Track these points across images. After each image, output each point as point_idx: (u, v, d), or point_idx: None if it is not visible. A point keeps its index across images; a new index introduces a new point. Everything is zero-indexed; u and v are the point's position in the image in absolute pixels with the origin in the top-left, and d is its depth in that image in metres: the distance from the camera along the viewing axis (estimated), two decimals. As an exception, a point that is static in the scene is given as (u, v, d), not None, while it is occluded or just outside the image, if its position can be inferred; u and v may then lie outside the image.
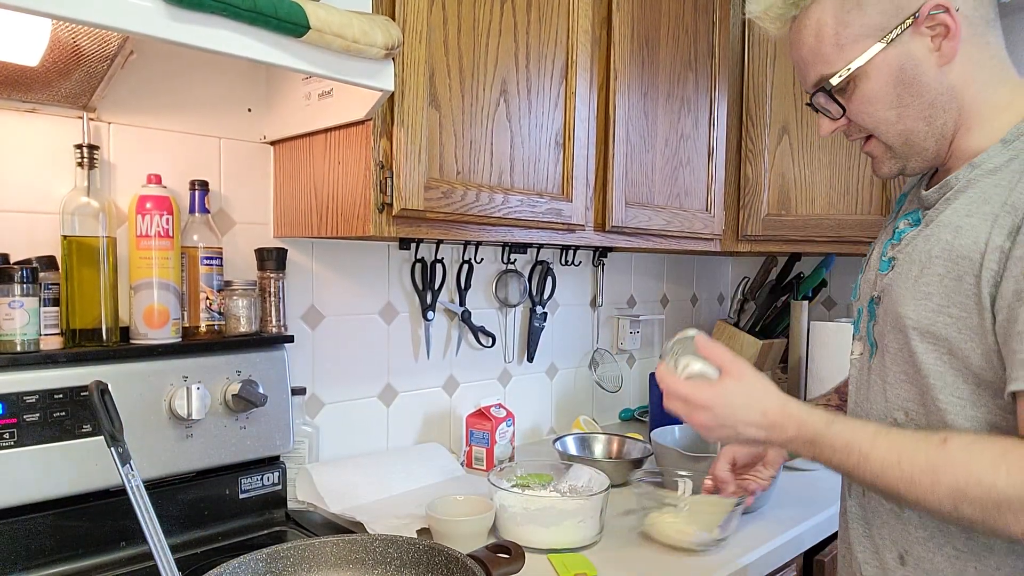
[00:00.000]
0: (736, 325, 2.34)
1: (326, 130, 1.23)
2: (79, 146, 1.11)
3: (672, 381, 0.90)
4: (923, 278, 0.84)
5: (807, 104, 0.95)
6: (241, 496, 1.26)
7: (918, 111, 0.86)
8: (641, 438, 1.71)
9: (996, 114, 0.85)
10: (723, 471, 1.19)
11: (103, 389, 0.90)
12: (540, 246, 1.87)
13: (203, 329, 1.23)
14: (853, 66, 0.85)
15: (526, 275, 1.87)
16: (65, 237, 1.09)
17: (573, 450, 1.66)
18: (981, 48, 0.84)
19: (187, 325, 1.22)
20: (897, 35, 0.83)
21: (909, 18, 0.82)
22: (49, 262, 1.10)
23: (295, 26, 0.91)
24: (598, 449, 1.70)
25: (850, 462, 0.81)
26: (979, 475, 0.73)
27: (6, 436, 0.99)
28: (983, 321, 0.78)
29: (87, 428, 1.06)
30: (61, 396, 1.03)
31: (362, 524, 1.24)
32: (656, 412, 1.92)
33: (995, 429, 0.80)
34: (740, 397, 0.87)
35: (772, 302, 2.32)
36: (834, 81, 0.87)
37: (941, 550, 0.85)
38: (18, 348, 1.03)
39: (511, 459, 1.65)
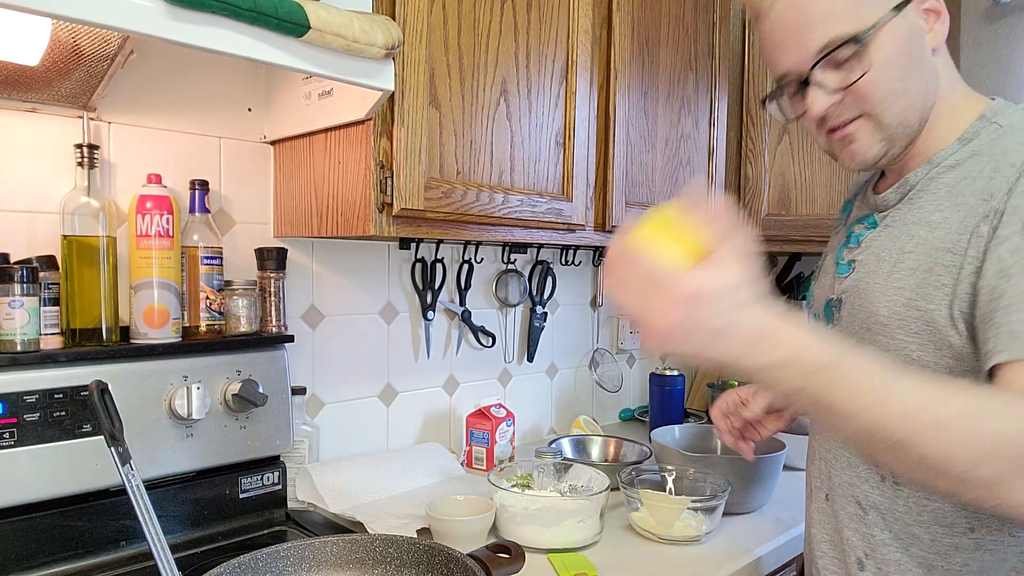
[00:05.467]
0: (736, 325, 2.33)
1: (326, 130, 1.23)
2: (79, 146, 1.11)
3: (635, 256, 0.63)
4: (895, 273, 0.85)
5: (786, 85, 0.88)
6: (241, 496, 1.26)
7: (918, 88, 0.84)
8: (638, 440, 1.71)
9: (953, 113, 0.87)
10: (717, 414, 1.18)
11: (103, 389, 0.90)
12: (540, 246, 1.87)
13: (203, 329, 1.23)
14: (869, 28, 0.80)
15: (526, 275, 1.87)
16: (65, 237, 1.09)
17: (569, 452, 1.66)
18: (946, 49, 0.88)
19: (187, 325, 1.22)
20: (905, 4, 0.82)
21: None
22: (49, 262, 1.09)
23: (295, 26, 0.91)
24: (595, 451, 1.70)
25: (862, 401, 0.63)
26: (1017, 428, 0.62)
27: (6, 436, 0.99)
28: (952, 313, 0.79)
29: (87, 428, 1.06)
30: (61, 396, 1.03)
31: (362, 524, 1.23)
32: (656, 412, 1.92)
33: None
34: (729, 294, 0.61)
35: (772, 302, 2.32)
36: (861, 35, 0.80)
37: (907, 551, 0.86)
38: (18, 348, 1.03)
39: (511, 459, 1.65)
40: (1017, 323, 0.71)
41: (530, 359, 1.91)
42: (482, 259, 1.75)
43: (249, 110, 1.35)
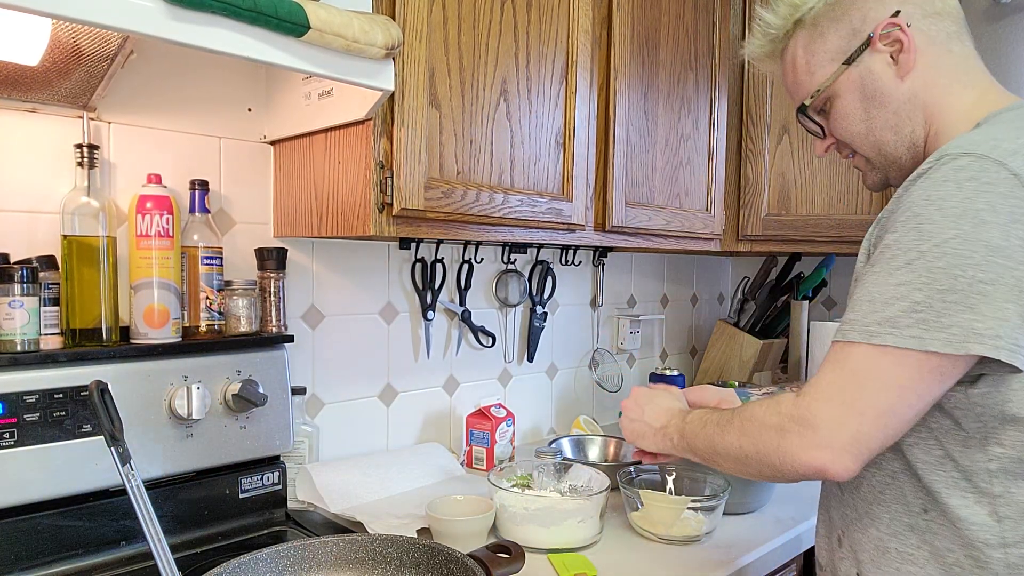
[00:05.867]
0: (736, 325, 2.34)
1: (326, 130, 1.23)
2: (79, 146, 1.11)
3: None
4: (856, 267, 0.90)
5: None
6: (241, 496, 1.26)
7: (884, 122, 0.94)
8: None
9: (961, 118, 0.90)
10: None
11: (103, 389, 0.90)
12: (540, 246, 1.87)
13: (203, 329, 1.23)
14: (821, 87, 0.96)
15: (526, 275, 1.87)
16: (65, 237, 1.09)
17: (569, 452, 1.66)
18: (942, 56, 0.91)
19: (187, 325, 1.22)
20: (856, 55, 0.93)
21: (865, 39, 0.92)
22: (49, 262, 1.09)
23: (295, 26, 0.91)
24: (595, 451, 1.69)
25: (692, 430, 0.99)
26: (753, 415, 0.89)
27: (6, 436, 0.99)
28: None
29: (87, 428, 1.06)
30: (61, 396, 1.03)
31: (362, 524, 1.23)
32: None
33: (925, 424, 0.83)
34: (656, 394, 1.13)
35: (772, 302, 2.32)
36: (807, 103, 0.98)
37: (867, 532, 0.90)
38: (18, 348, 1.03)
39: (511, 459, 1.65)
40: (847, 315, 0.82)
41: (530, 359, 1.91)
42: (482, 259, 1.75)
43: (249, 110, 1.35)
